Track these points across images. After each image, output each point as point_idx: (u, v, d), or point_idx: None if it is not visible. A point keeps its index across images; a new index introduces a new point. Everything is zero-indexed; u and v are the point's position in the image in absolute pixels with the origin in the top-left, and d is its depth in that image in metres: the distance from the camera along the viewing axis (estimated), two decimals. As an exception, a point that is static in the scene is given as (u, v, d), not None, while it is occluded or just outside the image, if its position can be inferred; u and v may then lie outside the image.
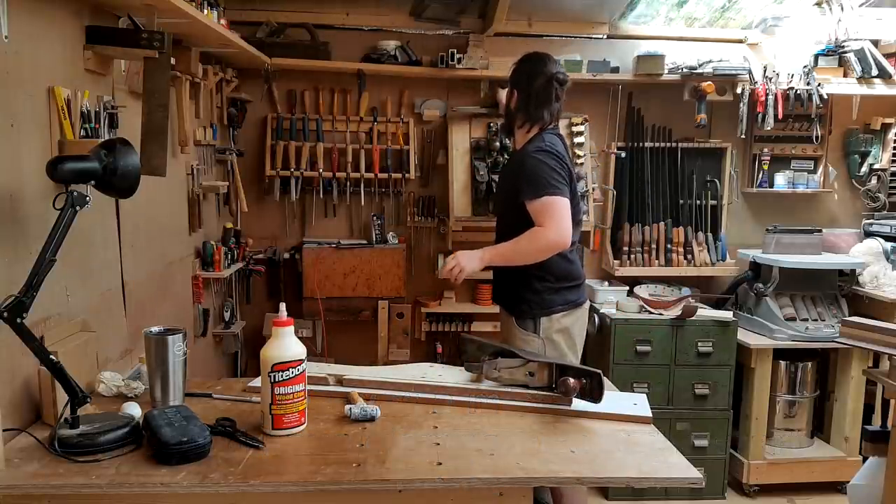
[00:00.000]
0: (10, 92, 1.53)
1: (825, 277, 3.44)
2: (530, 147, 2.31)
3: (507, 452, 1.45)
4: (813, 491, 3.39)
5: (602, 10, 3.52)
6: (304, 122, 3.52)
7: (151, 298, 2.40)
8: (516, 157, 2.41)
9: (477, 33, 3.54)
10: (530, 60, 2.38)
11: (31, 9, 1.62)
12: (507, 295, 2.41)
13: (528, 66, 2.37)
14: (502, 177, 2.56)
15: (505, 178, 2.54)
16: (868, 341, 2.31)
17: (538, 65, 2.36)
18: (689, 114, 3.54)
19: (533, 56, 2.39)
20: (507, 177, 2.48)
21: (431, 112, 3.62)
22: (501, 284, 2.47)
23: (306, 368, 1.55)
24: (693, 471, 1.41)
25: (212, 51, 2.86)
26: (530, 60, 2.38)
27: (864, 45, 3.48)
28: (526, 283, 2.33)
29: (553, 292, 2.33)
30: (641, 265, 3.63)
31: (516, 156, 2.41)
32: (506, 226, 2.40)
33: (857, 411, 3.36)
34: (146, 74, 1.96)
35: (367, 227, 3.62)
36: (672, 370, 3.26)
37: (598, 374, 1.65)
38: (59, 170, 1.42)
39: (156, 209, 2.45)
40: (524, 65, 2.38)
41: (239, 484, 1.30)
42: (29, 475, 1.31)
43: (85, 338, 1.76)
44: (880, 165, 3.78)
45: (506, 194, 2.40)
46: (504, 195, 2.45)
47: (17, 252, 1.53)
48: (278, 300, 2.60)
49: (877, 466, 2.30)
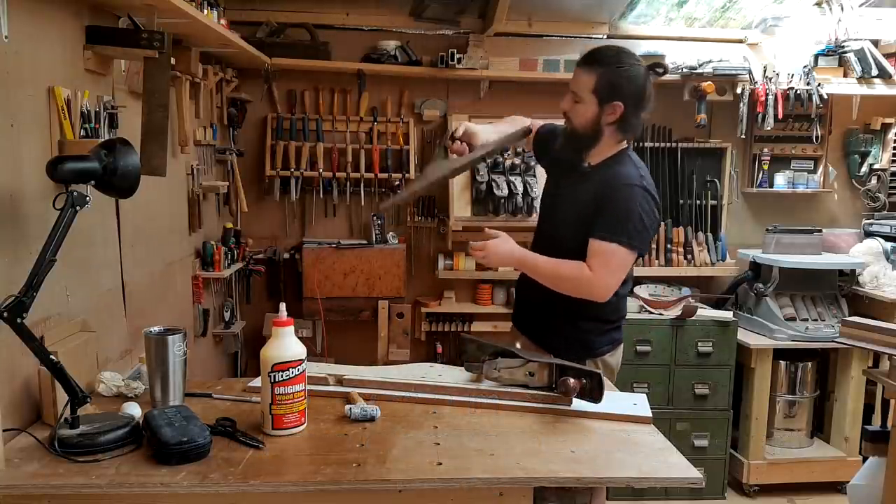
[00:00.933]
0: (10, 92, 1.53)
1: (825, 277, 3.44)
2: (630, 173, 1.93)
3: (507, 452, 1.44)
4: (813, 491, 3.39)
5: (602, 10, 3.52)
6: (304, 122, 3.52)
7: (151, 298, 2.40)
8: (607, 178, 1.94)
9: (477, 33, 3.53)
10: (627, 59, 1.92)
11: (31, 9, 1.62)
12: (540, 327, 2.05)
13: (628, 69, 1.90)
14: (577, 192, 1.99)
15: (582, 195, 1.97)
16: (868, 341, 2.31)
17: (636, 62, 1.93)
18: (689, 114, 3.54)
19: (623, 52, 1.94)
20: (587, 197, 1.96)
21: (431, 112, 3.62)
22: (534, 312, 2.09)
23: (306, 368, 1.54)
24: (693, 471, 1.41)
25: (212, 51, 2.86)
26: (627, 59, 1.92)
27: (864, 45, 3.49)
28: (570, 319, 2.00)
29: (600, 333, 2.03)
30: (641, 265, 3.62)
31: (607, 177, 1.95)
32: (559, 248, 1.97)
33: (857, 411, 3.36)
34: (146, 74, 1.96)
35: (367, 227, 3.62)
36: (672, 370, 3.26)
37: (598, 374, 1.65)
38: (59, 170, 1.42)
39: (156, 209, 2.45)
40: (623, 68, 1.90)
41: (239, 484, 1.30)
42: (29, 475, 1.31)
43: (85, 338, 1.76)
44: (880, 165, 3.78)
45: (578, 216, 1.96)
46: (575, 215, 1.97)
47: (17, 252, 1.53)
48: (278, 300, 2.60)
49: (877, 466, 2.30)
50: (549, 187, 2.20)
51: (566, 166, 2.06)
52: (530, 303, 2.12)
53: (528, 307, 2.14)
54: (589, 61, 1.93)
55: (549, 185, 2.21)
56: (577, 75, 1.95)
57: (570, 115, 1.98)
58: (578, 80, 1.94)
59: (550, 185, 2.20)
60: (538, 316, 2.08)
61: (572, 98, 1.96)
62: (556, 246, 1.98)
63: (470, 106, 3.63)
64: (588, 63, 1.93)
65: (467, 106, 3.63)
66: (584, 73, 1.92)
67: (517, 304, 2.24)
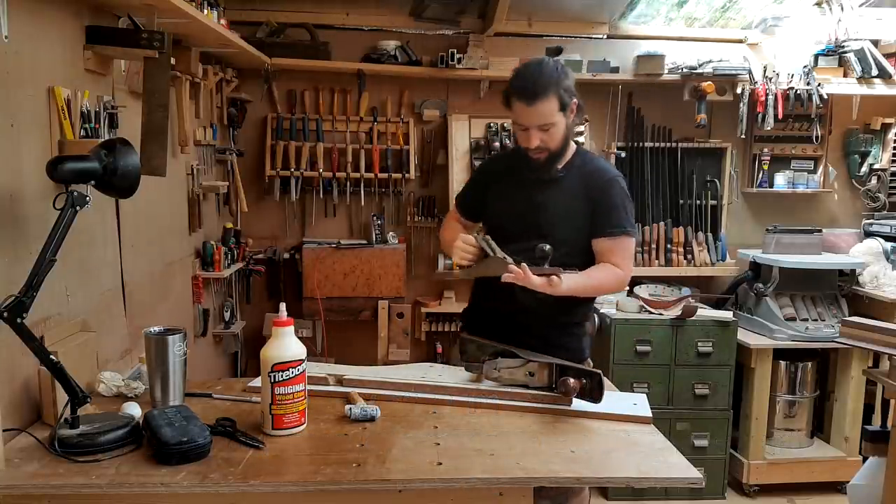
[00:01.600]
0: (10, 92, 1.53)
1: (825, 277, 3.44)
2: (605, 167, 2.03)
3: (507, 452, 1.44)
4: (813, 491, 3.39)
5: (602, 10, 3.52)
6: (304, 122, 3.52)
7: (151, 298, 2.40)
8: (590, 178, 1.98)
9: (477, 33, 3.54)
10: (552, 63, 1.92)
11: (31, 9, 1.62)
12: (532, 341, 1.90)
13: (559, 68, 1.91)
14: (557, 196, 1.98)
15: (566, 198, 1.97)
16: (868, 341, 2.31)
17: (550, 59, 1.96)
18: (689, 114, 3.54)
19: (544, 61, 1.93)
20: (572, 199, 1.97)
21: (431, 112, 3.62)
22: (527, 328, 1.95)
23: (306, 368, 1.54)
24: (693, 471, 1.41)
25: (212, 51, 2.86)
26: (552, 63, 1.92)
27: (864, 45, 3.49)
28: (565, 329, 2.02)
29: (585, 337, 2.09)
30: (641, 265, 3.62)
31: (588, 176, 1.98)
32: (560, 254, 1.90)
33: (857, 411, 3.35)
34: (146, 74, 1.96)
35: (367, 227, 3.62)
36: (672, 370, 3.26)
37: (598, 374, 1.65)
38: (59, 170, 1.42)
39: (156, 209, 2.45)
40: (558, 71, 1.90)
41: (239, 484, 1.30)
42: (29, 475, 1.31)
43: (85, 338, 1.76)
44: (880, 165, 3.78)
45: (567, 217, 1.97)
46: (565, 218, 1.97)
47: (17, 252, 1.53)
48: (278, 300, 2.60)
49: (877, 466, 2.30)
50: (525, 198, 2.01)
51: (536, 180, 2.00)
52: (521, 315, 1.95)
53: (517, 321, 1.97)
54: (540, 91, 1.85)
55: (525, 197, 2.01)
56: (538, 109, 1.86)
57: (544, 146, 1.91)
58: (542, 113, 1.87)
59: (527, 197, 2.01)
60: (529, 328, 1.95)
61: (539, 131, 1.89)
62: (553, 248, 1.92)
63: (470, 106, 3.63)
64: (542, 93, 1.85)
65: (467, 106, 3.63)
66: (543, 103, 1.86)
67: (484, 314, 2.07)
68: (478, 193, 2.16)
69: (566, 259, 1.90)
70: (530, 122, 1.88)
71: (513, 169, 2.06)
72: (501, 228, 2.02)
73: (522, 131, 1.92)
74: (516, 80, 1.90)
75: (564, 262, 1.88)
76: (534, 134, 1.89)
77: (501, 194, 2.08)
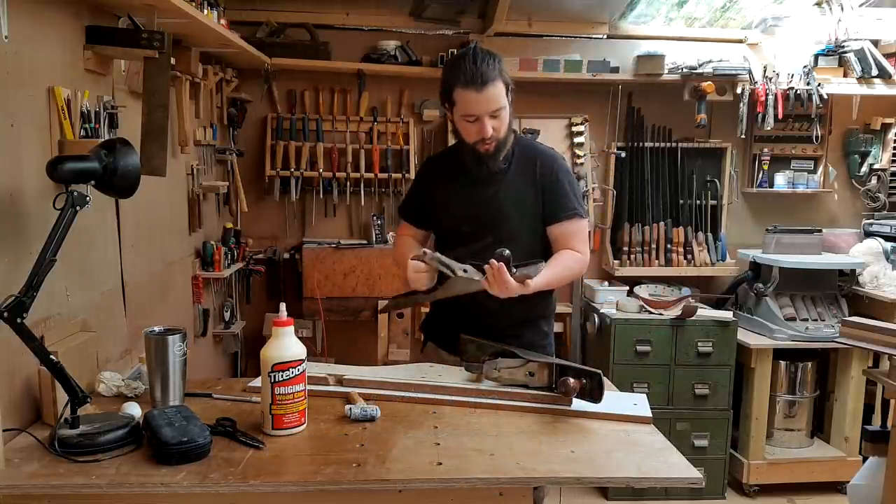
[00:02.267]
0: (10, 92, 1.53)
1: (825, 277, 3.44)
2: (542, 148, 2.02)
3: (507, 452, 1.44)
4: (813, 491, 3.39)
5: (602, 10, 3.52)
6: (304, 122, 3.52)
7: (151, 298, 2.40)
8: (533, 164, 1.95)
9: (477, 33, 3.54)
10: (484, 49, 1.87)
11: (30, 9, 1.62)
12: (507, 338, 1.89)
13: (494, 55, 1.86)
14: (508, 189, 1.94)
15: (516, 189, 1.94)
16: (868, 341, 2.31)
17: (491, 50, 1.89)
18: (689, 114, 3.54)
19: (477, 48, 1.86)
20: (522, 188, 1.94)
21: (431, 112, 3.62)
22: (499, 325, 1.92)
23: (306, 368, 1.54)
24: (693, 471, 1.41)
25: (212, 51, 2.86)
26: (484, 49, 1.87)
27: (864, 45, 3.49)
28: (535, 326, 2.01)
29: (551, 334, 2.09)
30: (641, 265, 3.63)
31: (531, 162, 1.95)
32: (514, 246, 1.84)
33: (857, 411, 3.36)
34: (146, 74, 1.96)
35: (367, 227, 3.62)
36: (672, 370, 3.26)
37: (598, 374, 1.65)
38: (59, 170, 1.42)
39: (156, 209, 2.45)
40: (499, 58, 1.87)
41: (239, 484, 1.30)
42: (29, 475, 1.31)
43: (85, 338, 1.76)
44: (880, 165, 3.78)
45: (521, 209, 1.94)
46: (519, 210, 1.94)
47: (17, 252, 1.53)
48: (278, 300, 2.60)
49: (877, 466, 2.30)
50: (473, 195, 1.96)
51: (481, 175, 1.94)
52: (493, 313, 1.89)
53: (466, 322, 1.92)
54: (489, 75, 1.80)
55: (473, 194, 1.96)
56: (489, 94, 1.81)
57: (496, 133, 1.86)
58: (492, 97, 1.82)
59: (474, 194, 1.96)
60: (502, 325, 1.92)
61: (491, 118, 1.83)
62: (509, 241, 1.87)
63: (470, 106, 3.63)
64: (490, 77, 1.81)
65: (467, 106, 3.63)
66: (493, 87, 1.81)
67: (448, 322, 2.01)
68: (422, 200, 2.09)
69: (526, 251, 1.88)
70: (482, 110, 1.82)
71: (455, 168, 1.99)
72: (454, 231, 1.99)
73: (471, 123, 1.85)
74: (459, 70, 1.82)
75: (526, 255, 1.85)
76: (486, 122, 1.83)
77: (449, 196, 2.01)
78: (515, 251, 1.81)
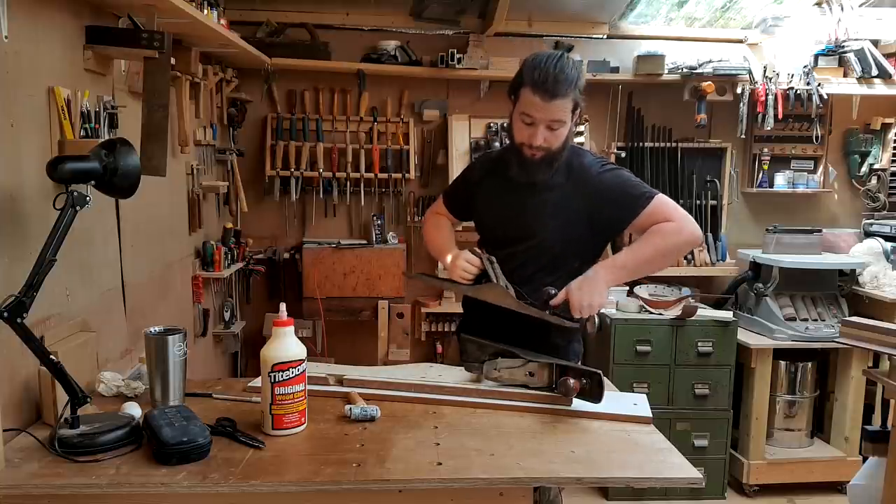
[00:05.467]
0: (10, 92, 1.53)
1: (825, 277, 3.44)
2: (593, 162, 1.89)
3: (507, 452, 1.44)
4: (813, 491, 3.39)
5: (602, 10, 3.52)
6: (304, 122, 3.52)
7: (151, 298, 2.40)
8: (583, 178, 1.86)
9: (477, 33, 3.54)
10: (570, 61, 1.80)
11: (30, 9, 1.62)
12: (532, 344, 1.82)
13: (578, 70, 1.80)
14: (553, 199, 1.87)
15: (564, 200, 1.86)
16: (868, 341, 2.31)
17: (571, 58, 1.82)
18: (689, 114, 3.54)
19: (563, 57, 1.79)
20: (571, 202, 1.86)
21: (431, 112, 3.62)
22: (524, 332, 1.83)
23: (306, 368, 1.54)
24: (693, 471, 1.41)
25: (212, 51, 2.86)
26: (570, 61, 1.80)
27: (864, 45, 3.49)
28: (560, 329, 1.83)
29: (580, 339, 1.99)
30: (641, 265, 3.62)
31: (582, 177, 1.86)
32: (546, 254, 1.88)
33: (857, 411, 3.36)
34: (146, 74, 1.96)
35: (367, 227, 3.62)
36: (672, 370, 3.26)
37: (598, 374, 1.65)
38: (59, 170, 1.42)
39: (156, 209, 2.45)
40: (582, 74, 1.81)
41: (239, 484, 1.30)
42: (29, 475, 1.31)
43: (85, 338, 1.76)
44: (880, 165, 3.78)
45: (566, 221, 1.87)
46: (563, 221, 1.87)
47: (17, 252, 1.53)
48: (278, 300, 2.60)
49: (877, 466, 2.30)
50: (513, 200, 1.93)
51: (524, 182, 1.88)
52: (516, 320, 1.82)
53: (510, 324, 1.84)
54: (562, 88, 1.74)
55: (513, 199, 1.93)
56: (554, 106, 1.75)
57: (546, 144, 1.80)
58: (556, 110, 1.76)
59: (515, 199, 1.92)
60: (527, 331, 1.84)
61: (547, 129, 1.78)
62: (542, 253, 1.89)
63: (470, 106, 3.63)
64: (562, 91, 1.74)
65: (467, 106, 3.63)
66: (562, 101, 1.76)
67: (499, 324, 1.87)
68: (467, 192, 2.07)
69: (562, 270, 1.84)
70: (541, 118, 1.77)
71: (503, 170, 1.93)
72: (492, 233, 1.99)
73: (527, 125, 1.79)
74: (536, 71, 1.75)
75: (561, 274, 1.82)
76: (540, 130, 1.78)
77: (492, 197, 1.98)
78: (548, 268, 1.83)
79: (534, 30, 3.56)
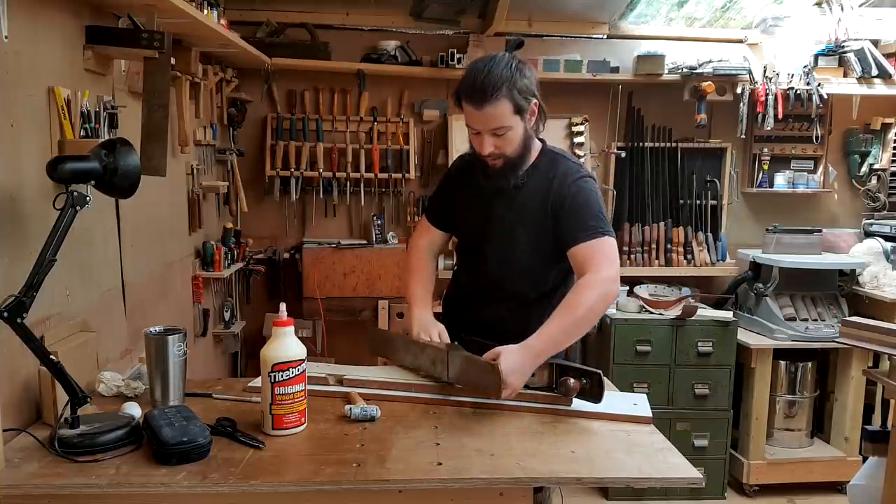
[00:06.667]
0: (10, 92, 1.53)
1: (825, 277, 3.44)
2: (570, 168, 1.83)
3: (507, 452, 1.44)
4: (813, 491, 3.39)
5: (602, 10, 3.52)
6: (304, 122, 3.52)
7: (151, 298, 2.40)
8: (553, 184, 1.81)
9: (477, 33, 3.54)
10: (506, 61, 1.72)
11: (30, 9, 1.62)
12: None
13: (515, 68, 1.72)
14: (519, 208, 1.84)
15: (528, 210, 1.83)
16: (868, 341, 2.31)
17: (507, 55, 1.75)
18: (689, 114, 3.54)
19: (496, 59, 1.72)
20: (535, 210, 1.83)
21: (431, 112, 3.62)
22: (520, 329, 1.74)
23: (306, 368, 1.54)
24: (693, 471, 1.41)
25: (212, 51, 2.86)
26: (506, 61, 1.72)
27: (864, 45, 3.49)
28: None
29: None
30: (641, 265, 3.63)
31: (551, 183, 1.81)
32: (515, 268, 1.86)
33: (857, 411, 3.36)
34: (146, 74, 1.96)
35: (367, 227, 3.62)
36: (672, 370, 3.26)
37: (599, 374, 1.64)
38: (59, 170, 1.42)
39: (156, 209, 2.45)
40: (520, 72, 1.72)
41: (239, 484, 1.30)
42: (29, 475, 1.31)
43: (85, 338, 1.76)
44: (880, 165, 3.78)
45: (531, 231, 1.83)
46: (529, 231, 1.84)
47: (17, 252, 1.53)
48: (278, 300, 2.60)
49: (877, 466, 2.30)
50: (482, 209, 1.89)
51: (493, 189, 1.85)
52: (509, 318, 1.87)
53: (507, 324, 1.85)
54: (490, 92, 1.67)
55: (482, 208, 1.89)
56: (488, 113, 1.69)
57: (499, 152, 1.76)
58: (492, 116, 1.70)
59: (484, 208, 1.88)
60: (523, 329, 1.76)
61: (492, 136, 1.73)
62: (512, 268, 1.87)
63: (470, 106, 3.63)
64: (491, 95, 1.67)
65: (467, 106, 3.63)
66: (494, 106, 1.68)
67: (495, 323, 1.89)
68: (445, 202, 2.03)
69: (533, 277, 1.84)
70: (480, 126, 1.73)
71: (474, 175, 1.88)
72: (466, 238, 1.99)
73: (475, 135, 1.76)
74: (467, 79, 1.72)
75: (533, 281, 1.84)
76: (486, 139, 1.73)
77: (464, 204, 1.94)
78: (519, 276, 1.82)
79: (534, 30, 3.56)
